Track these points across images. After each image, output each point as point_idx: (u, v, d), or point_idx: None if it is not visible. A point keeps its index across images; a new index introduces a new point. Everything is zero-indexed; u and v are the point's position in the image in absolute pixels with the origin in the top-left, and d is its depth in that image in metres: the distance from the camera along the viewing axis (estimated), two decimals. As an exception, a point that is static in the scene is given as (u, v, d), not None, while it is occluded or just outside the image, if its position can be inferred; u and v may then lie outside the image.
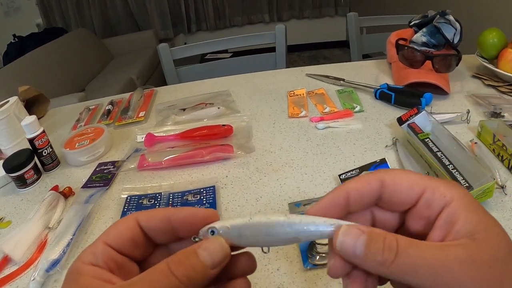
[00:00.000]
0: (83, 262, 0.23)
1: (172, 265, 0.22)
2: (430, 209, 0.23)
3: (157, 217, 0.26)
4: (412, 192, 0.24)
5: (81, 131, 0.84)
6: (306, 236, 0.24)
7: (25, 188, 0.72)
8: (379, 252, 0.22)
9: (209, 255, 0.23)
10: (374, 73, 1.03)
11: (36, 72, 2.46)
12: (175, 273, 0.22)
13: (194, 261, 0.23)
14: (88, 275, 0.22)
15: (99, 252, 0.24)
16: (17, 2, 3.63)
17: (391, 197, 0.25)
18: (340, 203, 0.25)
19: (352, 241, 0.22)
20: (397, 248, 0.21)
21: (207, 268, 0.23)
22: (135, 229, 0.25)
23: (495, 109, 0.75)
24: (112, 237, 0.25)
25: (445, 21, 0.92)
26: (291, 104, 0.90)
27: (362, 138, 0.74)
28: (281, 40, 1.39)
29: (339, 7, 4.06)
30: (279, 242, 0.25)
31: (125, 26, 3.85)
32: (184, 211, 0.26)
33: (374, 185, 0.25)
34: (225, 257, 0.24)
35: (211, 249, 0.24)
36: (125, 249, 0.25)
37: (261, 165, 0.70)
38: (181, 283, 0.22)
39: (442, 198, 0.23)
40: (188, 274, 0.22)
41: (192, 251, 0.23)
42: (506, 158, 0.61)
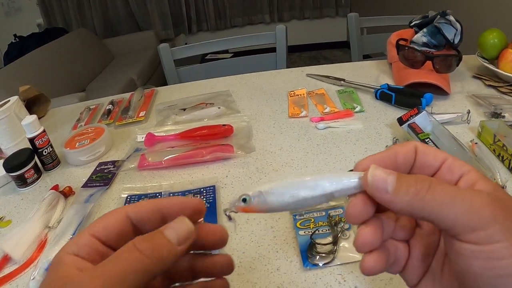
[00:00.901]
0: (66, 252, 0.23)
1: (137, 241, 0.23)
2: (451, 174, 0.24)
3: (146, 207, 0.26)
4: (437, 157, 0.25)
5: (81, 131, 0.84)
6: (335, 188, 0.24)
7: (25, 188, 0.72)
8: (412, 184, 0.22)
9: (174, 231, 0.24)
10: (374, 74, 1.03)
11: (37, 72, 2.46)
12: (140, 247, 0.22)
13: (160, 238, 0.23)
14: (68, 265, 0.22)
15: (83, 243, 0.24)
16: (18, 2, 3.64)
17: (421, 159, 0.25)
18: (391, 161, 0.25)
19: (384, 174, 0.23)
20: (430, 181, 0.22)
21: (173, 245, 0.24)
22: (123, 221, 0.26)
23: (495, 109, 0.75)
24: (98, 229, 0.25)
25: (445, 21, 0.92)
26: (291, 104, 0.90)
27: (362, 138, 0.74)
28: (281, 40, 1.39)
29: (340, 7, 4.06)
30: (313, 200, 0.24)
31: (126, 27, 3.86)
32: (172, 200, 0.27)
33: (413, 148, 0.25)
34: (190, 234, 0.25)
35: (175, 226, 0.24)
36: (111, 241, 0.25)
37: (261, 165, 0.70)
38: (147, 257, 0.22)
39: (462, 166, 0.24)
40: (153, 248, 0.23)
41: (157, 231, 0.24)
42: (506, 158, 0.61)
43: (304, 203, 0.25)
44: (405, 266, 0.26)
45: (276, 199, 0.25)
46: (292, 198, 0.24)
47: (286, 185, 0.25)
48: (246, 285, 0.47)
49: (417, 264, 0.26)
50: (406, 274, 0.27)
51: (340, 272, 0.46)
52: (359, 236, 0.24)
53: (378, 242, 0.24)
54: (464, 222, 0.20)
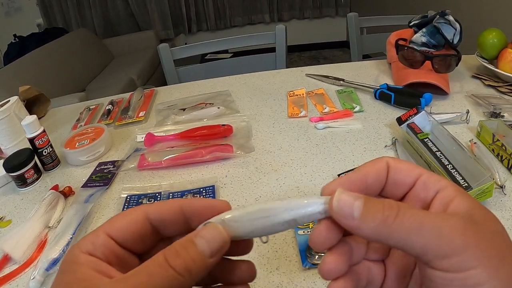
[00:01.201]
0: (81, 251, 0.22)
1: (169, 256, 0.22)
2: (426, 190, 0.23)
3: (169, 208, 0.25)
4: (411, 173, 0.24)
5: (81, 131, 0.84)
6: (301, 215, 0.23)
7: (25, 188, 0.73)
8: (379, 210, 0.21)
9: (206, 243, 0.22)
10: (374, 73, 1.03)
11: (37, 72, 2.46)
12: (173, 265, 0.21)
13: (192, 251, 0.22)
14: (85, 265, 0.21)
15: (99, 243, 0.23)
16: (17, 2, 3.64)
17: (394, 177, 0.24)
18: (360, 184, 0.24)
19: (350, 199, 0.21)
20: (398, 208, 0.21)
21: (206, 257, 0.22)
22: (143, 223, 0.24)
23: (494, 109, 0.75)
24: (116, 230, 0.24)
25: (444, 21, 0.92)
26: (290, 104, 0.90)
27: (361, 138, 0.74)
28: (281, 40, 1.39)
29: (340, 7, 4.06)
30: (278, 227, 0.24)
31: (126, 27, 3.86)
32: (200, 202, 0.25)
33: (384, 167, 0.24)
34: (223, 244, 0.23)
35: (208, 237, 0.23)
36: (128, 243, 0.24)
37: (261, 165, 0.70)
38: (180, 275, 0.21)
39: (437, 182, 0.23)
40: (187, 265, 0.21)
41: (189, 240, 0.22)
42: (505, 158, 0.61)
43: (268, 230, 0.24)
44: (382, 286, 0.26)
45: (239, 227, 0.24)
46: (255, 226, 0.24)
47: (249, 214, 0.24)
48: (246, 285, 0.47)
49: (393, 285, 0.25)
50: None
51: (339, 272, 0.46)
52: (323, 263, 0.23)
53: (343, 269, 0.23)
54: (434, 249, 0.19)
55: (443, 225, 0.20)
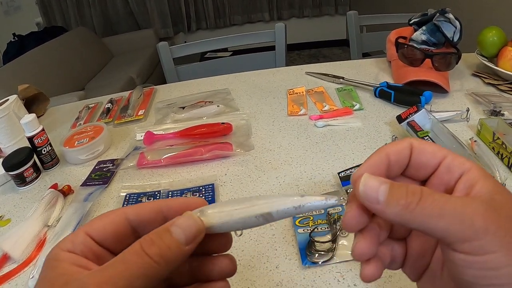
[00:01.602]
0: (62, 249, 0.23)
1: (144, 244, 0.22)
2: (450, 173, 0.24)
3: (148, 209, 0.26)
4: (435, 156, 0.24)
5: (80, 129, 0.84)
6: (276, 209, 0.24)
7: (25, 186, 0.72)
8: (402, 196, 0.21)
9: (182, 231, 0.23)
10: (373, 71, 1.03)
11: (36, 71, 2.45)
12: (148, 252, 0.21)
13: (167, 239, 0.22)
14: (65, 262, 0.22)
15: (78, 241, 0.23)
16: (17, 1, 3.63)
17: (418, 159, 0.25)
18: (383, 164, 0.24)
19: (375, 184, 0.22)
20: (421, 193, 0.21)
21: (181, 245, 0.23)
22: (121, 223, 0.25)
23: (494, 107, 0.75)
24: (95, 229, 0.24)
25: (445, 19, 0.92)
26: (290, 102, 0.90)
27: (361, 136, 0.74)
28: (280, 38, 1.39)
29: (339, 5, 4.06)
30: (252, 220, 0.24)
31: (125, 25, 3.85)
32: (176, 201, 0.26)
33: (407, 147, 0.25)
34: (199, 232, 0.24)
35: (184, 225, 0.23)
36: (107, 242, 0.24)
37: (260, 163, 0.70)
38: (156, 262, 0.21)
39: (462, 165, 0.23)
40: (162, 252, 0.22)
41: (164, 229, 0.23)
42: (505, 156, 0.61)
43: (244, 222, 0.24)
44: (404, 263, 0.26)
45: (215, 217, 0.24)
46: (231, 216, 0.24)
47: (225, 204, 0.25)
48: (245, 283, 0.47)
49: (414, 262, 0.26)
50: (406, 270, 0.27)
51: (339, 270, 0.46)
52: (356, 248, 0.24)
53: (374, 251, 0.24)
54: (455, 233, 0.20)
55: (464, 210, 0.20)
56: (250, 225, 0.25)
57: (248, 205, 0.24)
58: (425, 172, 0.25)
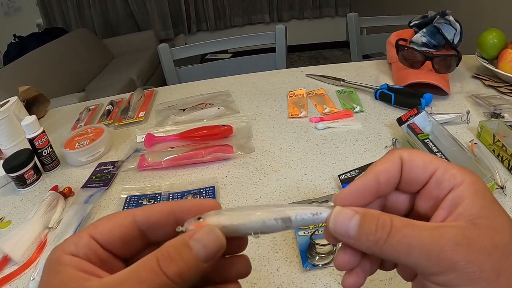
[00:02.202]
0: (64, 252, 0.21)
1: (162, 262, 0.20)
2: (439, 188, 0.23)
3: (158, 210, 0.24)
4: (426, 169, 0.24)
5: (81, 131, 0.84)
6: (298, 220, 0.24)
7: (25, 188, 0.72)
8: (372, 232, 0.21)
9: (202, 247, 0.21)
10: (374, 74, 1.03)
11: (36, 72, 2.46)
12: (167, 272, 0.20)
13: (187, 256, 0.21)
14: (70, 266, 0.20)
15: (82, 244, 0.22)
16: (17, 2, 3.64)
17: (408, 173, 0.24)
18: (371, 187, 0.24)
19: (345, 221, 0.22)
20: (391, 227, 0.21)
21: (200, 262, 0.21)
22: (129, 227, 0.23)
23: (495, 109, 0.75)
24: (100, 232, 0.23)
25: (445, 21, 0.92)
26: (291, 105, 0.90)
27: (362, 138, 0.74)
28: (281, 40, 1.39)
29: (339, 7, 4.06)
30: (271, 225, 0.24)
31: (126, 27, 3.86)
32: (189, 202, 0.25)
33: (397, 163, 0.24)
34: (220, 249, 0.22)
35: (205, 240, 0.21)
36: (112, 246, 0.23)
37: (261, 165, 0.70)
38: (174, 282, 0.20)
39: (452, 179, 0.23)
40: (181, 272, 0.20)
41: (183, 243, 0.21)
42: (506, 158, 0.61)
43: (262, 225, 0.24)
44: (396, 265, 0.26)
45: (232, 218, 0.24)
46: (248, 217, 0.24)
47: (244, 207, 0.25)
48: (246, 286, 0.47)
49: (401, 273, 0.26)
50: (399, 271, 0.27)
51: (339, 273, 0.46)
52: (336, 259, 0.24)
53: (356, 263, 0.24)
54: (423, 268, 0.20)
55: (431, 247, 0.20)
56: (268, 228, 0.24)
57: (267, 209, 0.24)
58: (415, 187, 0.25)
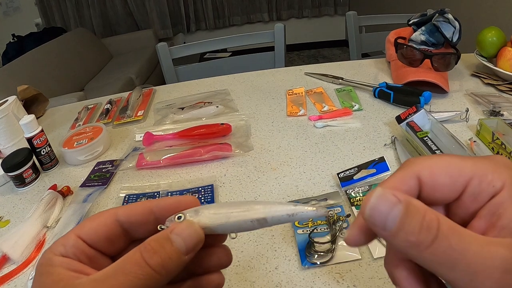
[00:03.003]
0: (54, 253, 0.22)
1: (146, 254, 0.22)
2: (476, 201, 0.20)
3: (139, 210, 0.25)
4: (455, 185, 0.20)
5: (79, 130, 0.84)
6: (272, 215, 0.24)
7: (24, 187, 0.72)
8: (415, 231, 0.18)
9: (183, 240, 0.22)
10: (373, 72, 1.03)
11: (35, 71, 2.45)
12: (150, 263, 0.21)
13: (169, 249, 0.22)
14: (60, 266, 0.22)
15: (70, 244, 0.23)
16: (16, 2, 3.63)
17: (431, 194, 0.21)
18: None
19: (386, 209, 0.18)
20: (438, 231, 0.18)
21: (181, 255, 0.22)
22: (112, 226, 0.25)
23: (494, 107, 0.75)
24: (85, 231, 0.24)
25: (444, 19, 0.92)
26: (289, 103, 0.90)
27: (360, 136, 0.74)
28: (280, 39, 1.39)
29: (338, 6, 4.06)
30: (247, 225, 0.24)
31: (125, 26, 3.85)
32: (167, 200, 0.26)
33: (412, 183, 0.21)
34: (199, 242, 0.23)
35: (185, 234, 0.23)
36: (98, 244, 0.24)
37: (260, 163, 0.70)
38: (157, 273, 0.21)
39: (491, 188, 0.19)
40: (164, 263, 0.21)
41: (165, 238, 0.22)
42: (505, 156, 0.61)
43: (239, 225, 0.24)
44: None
45: (210, 218, 0.24)
46: (226, 219, 0.24)
47: (221, 207, 0.25)
48: (244, 284, 0.47)
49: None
50: None
51: (338, 271, 0.46)
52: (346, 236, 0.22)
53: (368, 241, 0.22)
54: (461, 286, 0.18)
55: (480, 269, 0.17)
56: (244, 228, 0.25)
57: (244, 209, 0.24)
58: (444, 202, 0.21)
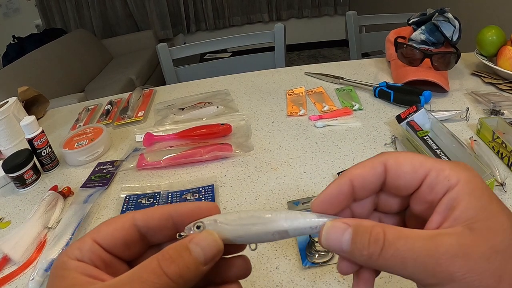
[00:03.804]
0: (69, 257, 0.22)
1: (163, 263, 0.21)
2: (433, 193, 0.22)
3: (157, 214, 0.25)
4: (415, 174, 0.23)
5: (80, 131, 0.84)
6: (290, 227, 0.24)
7: (25, 188, 0.72)
8: (365, 246, 0.21)
9: (202, 250, 0.22)
10: (373, 72, 1.03)
11: (36, 73, 2.45)
12: (167, 272, 0.21)
13: (187, 258, 0.22)
14: (75, 271, 0.21)
15: (86, 248, 0.23)
16: (16, 3, 3.63)
17: (395, 180, 0.23)
18: (345, 191, 0.24)
19: (338, 236, 0.22)
20: (384, 241, 0.21)
21: (200, 265, 0.22)
22: (130, 230, 0.24)
23: (494, 106, 0.75)
24: (102, 236, 0.23)
25: (444, 19, 0.92)
26: (290, 103, 0.90)
27: (361, 136, 0.74)
28: (280, 39, 1.39)
29: (338, 6, 4.06)
30: (268, 236, 0.24)
31: (125, 27, 3.85)
32: (186, 206, 0.25)
33: (378, 169, 0.23)
34: (218, 252, 0.23)
35: (204, 244, 0.22)
36: (115, 249, 0.24)
37: (260, 163, 0.70)
38: (174, 282, 0.21)
39: (446, 181, 0.22)
40: (181, 273, 0.21)
41: (184, 247, 0.22)
42: (505, 155, 0.61)
43: (258, 237, 0.24)
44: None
45: (230, 230, 0.24)
46: (246, 231, 0.24)
47: (242, 218, 0.24)
48: (245, 284, 0.47)
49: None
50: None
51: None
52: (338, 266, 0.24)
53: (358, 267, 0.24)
54: (419, 280, 0.20)
55: (426, 260, 0.19)
56: (264, 240, 0.24)
57: (265, 221, 0.24)
58: (406, 191, 0.24)
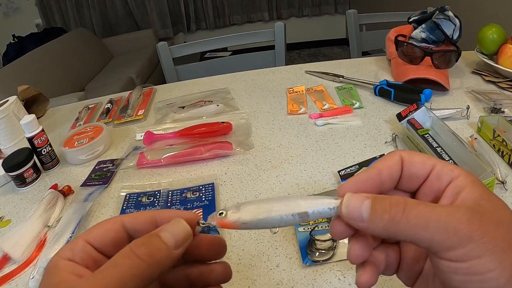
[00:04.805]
0: (61, 257, 0.23)
1: (134, 246, 0.23)
2: (439, 181, 0.24)
3: (143, 218, 0.26)
4: (425, 165, 0.25)
5: (80, 130, 0.84)
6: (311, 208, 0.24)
7: (25, 187, 0.72)
8: (386, 209, 0.22)
9: (171, 235, 0.24)
10: (373, 70, 1.03)
11: (36, 72, 2.45)
12: (137, 252, 0.22)
13: (157, 242, 0.23)
14: (64, 270, 0.23)
15: (78, 249, 0.24)
16: (16, 3, 3.63)
17: (409, 168, 0.25)
18: (373, 177, 0.25)
19: (358, 204, 0.23)
20: (405, 204, 0.22)
21: (171, 248, 0.23)
22: (119, 231, 0.26)
23: (495, 104, 0.75)
24: (94, 236, 0.25)
25: (444, 17, 0.92)
26: (290, 101, 0.90)
27: (361, 134, 0.74)
28: (280, 37, 1.39)
29: (339, 4, 4.05)
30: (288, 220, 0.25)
31: (125, 26, 3.85)
32: (170, 212, 0.27)
33: (398, 160, 0.25)
34: (187, 236, 0.25)
35: (172, 229, 0.24)
36: (105, 248, 0.25)
37: (260, 162, 0.70)
38: (145, 262, 0.22)
39: (450, 172, 0.24)
40: (151, 252, 0.22)
41: (153, 234, 0.24)
42: (506, 153, 0.61)
43: (280, 220, 0.25)
44: (398, 269, 0.27)
45: (252, 213, 0.25)
46: (267, 214, 0.25)
47: (263, 201, 0.25)
48: (246, 282, 0.47)
49: (408, 268, 0.27)
50: (400, 276, 0.27)
51: (339, 269, 0.46)
52: (350, 251, 0.25)
53: (367, 253, 0.25)
54: (440, 242, 0.21)
55: (448, 219, 0.21)
56: (285, 222, 0.25)
57: (285, 204, 0.25)
58: (416, 182, 0.25)
